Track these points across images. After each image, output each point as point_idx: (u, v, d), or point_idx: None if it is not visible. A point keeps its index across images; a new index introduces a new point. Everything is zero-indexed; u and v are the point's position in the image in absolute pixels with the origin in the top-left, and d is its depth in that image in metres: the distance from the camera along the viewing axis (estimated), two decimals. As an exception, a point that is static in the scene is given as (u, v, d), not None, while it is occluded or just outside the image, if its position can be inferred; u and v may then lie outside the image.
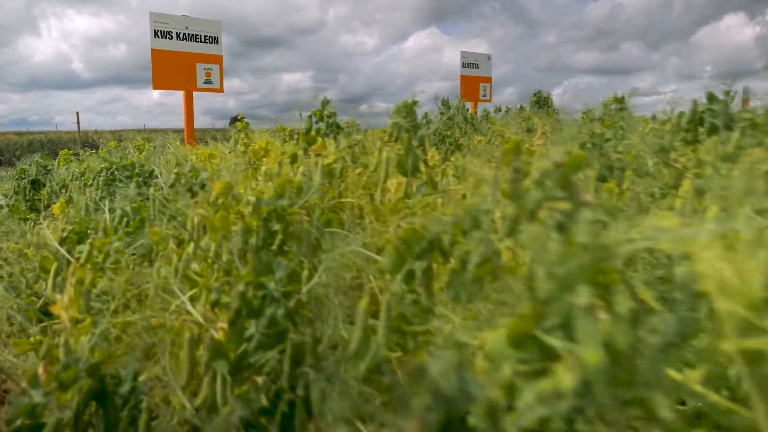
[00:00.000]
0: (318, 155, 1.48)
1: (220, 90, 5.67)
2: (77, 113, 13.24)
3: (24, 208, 3.03)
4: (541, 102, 4.26)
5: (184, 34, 5.35)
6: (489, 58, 8.32)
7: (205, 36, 5.49)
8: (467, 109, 3.95)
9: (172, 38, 5.28)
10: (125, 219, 1.45)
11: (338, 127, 1.61)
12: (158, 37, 5.18)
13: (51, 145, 16.87)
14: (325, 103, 1.65)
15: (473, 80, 8.09)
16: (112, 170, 1.89)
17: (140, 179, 1.78)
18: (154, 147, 3.64)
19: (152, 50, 5.15)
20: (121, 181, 1.85)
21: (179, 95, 5.49)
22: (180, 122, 5.61)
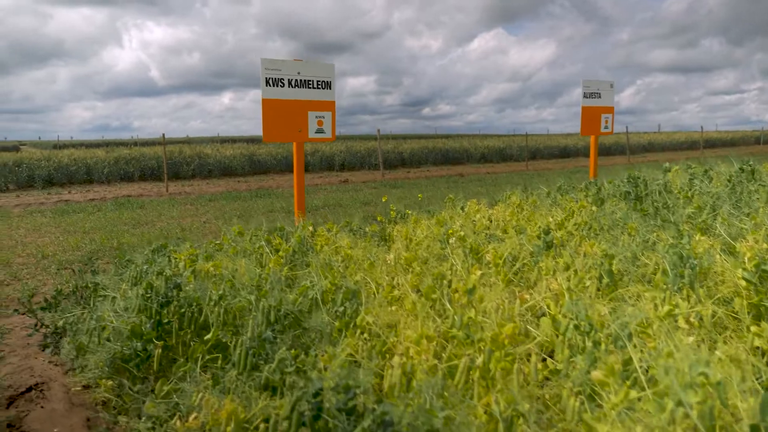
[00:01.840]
0: None
1: (332, 139, 5.15)
2: (163, 135, 13.27)
3: (148, 328, 2.55)
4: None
5: (297, 80, 4.86)
6: (612, 85, 7.45)
7: (317, 81, 4.98)
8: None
9: (284, 86, 4.79)
10: None
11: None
12: (270, 86, 4.70)
13: (136, 163, 17.15)
14: None
15: (595, 111, 7.25)
16: (317, 394, 1.30)
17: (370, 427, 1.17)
18: (294, 243, 3.07)
19: (263, 100, 4.68)
20: (333, 415, 1.25)
21: (247, 100, 4.92)
22: (249, 128, 5.12)
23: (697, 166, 6.11)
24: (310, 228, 3.42)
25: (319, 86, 5.00)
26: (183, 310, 2.48)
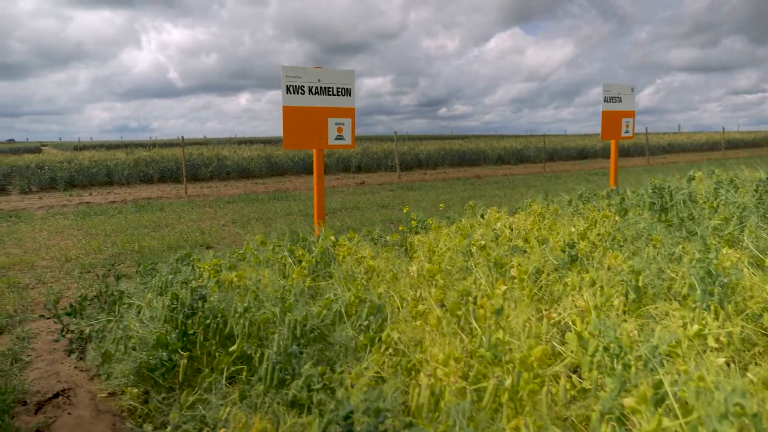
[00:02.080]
0: None
1: (352, 146, 5.17)
2: (182, 138, 13.41)
3: (174, 339, 2.58)
4: None
5: (317, 87, 4.88)
6: (633, 89, 7.37)
7: (337, 88, 5.00)
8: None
9: (304, 93, 4.82)
10: None
11: None
12: (290, 93, 4.73)
13: (155, 165, 17.36)
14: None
15: (615, 116, 7.19)
16: (347, 417, 1.30)
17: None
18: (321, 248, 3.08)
19: (284, 108, 4.71)
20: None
21: (264, 101, 4.98)
22: (266, 129, 5.14)
23: (722, 172, 6.03)
24: (332, 238, 3.43)
25: (339, 93, 5.02)
26: (208, 321, 2.51)
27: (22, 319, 4.32)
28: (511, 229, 3.88)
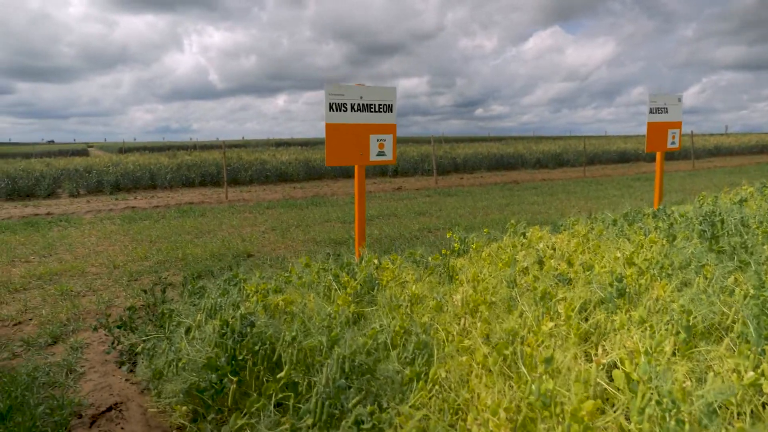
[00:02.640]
0: None
1: (393, 162, 5.21)
2: (223, 143, 13.71)
3: (223, 363, 2.66)
4: None
5: (359, 105, 4.93)
6: (680, 99, 7.19)
7: (379, 105, 5.05)
8: None
9: (346, 110, 4.88)
10: None
11: None
12: (333, 111, 4.80)
13: (197, 169, 17.79)
14: None
15: (661, 127, 7.01)
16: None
17: None
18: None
19: (327, 125, 4.77)
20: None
21: (301, 102, 5.04)
22: (303, 130, 5.19)
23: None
24: (375, 261, 3.47)
25: (381, 110, 5.06)
26: (257, 347, 2.57)
27: (75, 328, 4.50)
28: (554, 250, 3.85)
